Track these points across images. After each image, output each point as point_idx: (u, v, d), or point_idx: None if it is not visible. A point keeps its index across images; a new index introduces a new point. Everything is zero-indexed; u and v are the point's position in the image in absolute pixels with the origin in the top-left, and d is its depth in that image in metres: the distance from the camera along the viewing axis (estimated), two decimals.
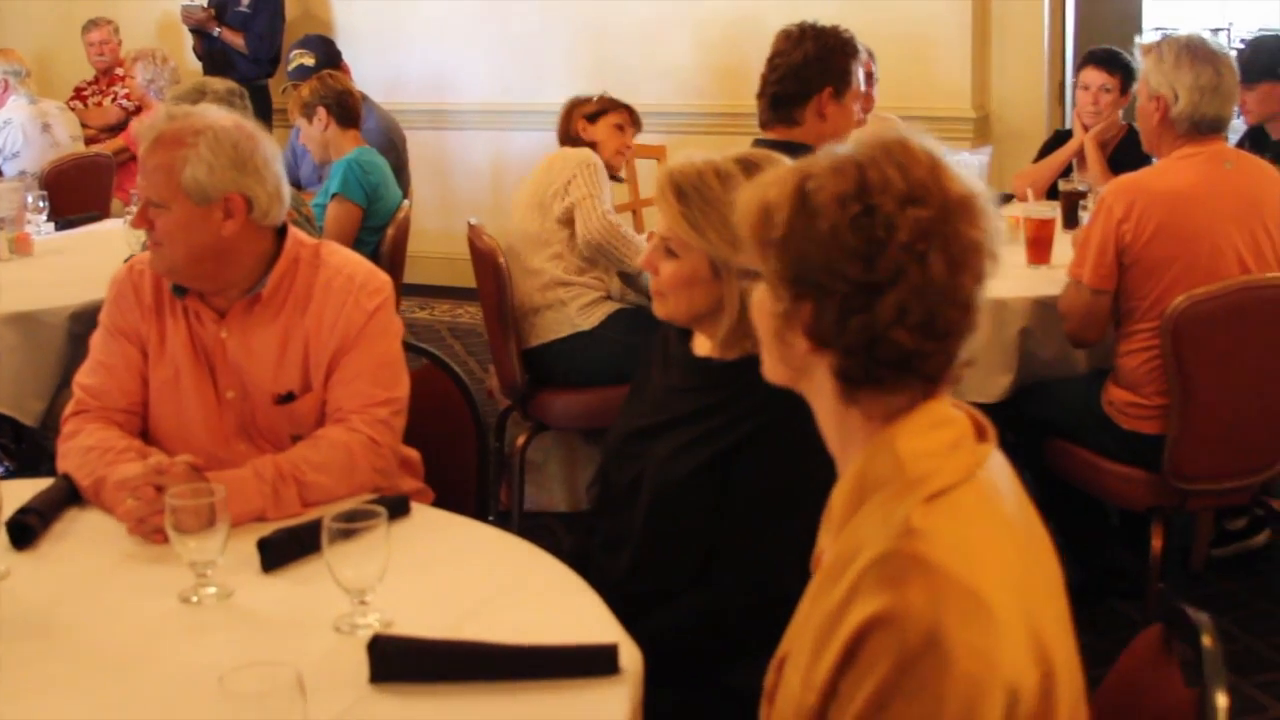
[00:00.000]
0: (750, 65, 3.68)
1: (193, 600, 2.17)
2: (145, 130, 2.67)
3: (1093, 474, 3.77)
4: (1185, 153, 3.61)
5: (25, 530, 2.38)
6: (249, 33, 7.82)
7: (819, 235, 1.53)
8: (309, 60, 6.29)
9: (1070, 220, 4.56)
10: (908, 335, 1.52)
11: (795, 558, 1.79)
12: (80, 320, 4.06)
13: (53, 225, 5.58)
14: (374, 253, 5.01)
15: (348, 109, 5.26)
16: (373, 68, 7.81)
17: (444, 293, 7.85)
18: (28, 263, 4.99)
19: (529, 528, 4.49)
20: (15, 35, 8.72)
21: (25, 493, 2.48)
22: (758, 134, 3.84)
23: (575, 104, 4.86)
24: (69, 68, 8.55)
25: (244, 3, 7.83)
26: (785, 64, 3.62)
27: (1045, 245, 4.22)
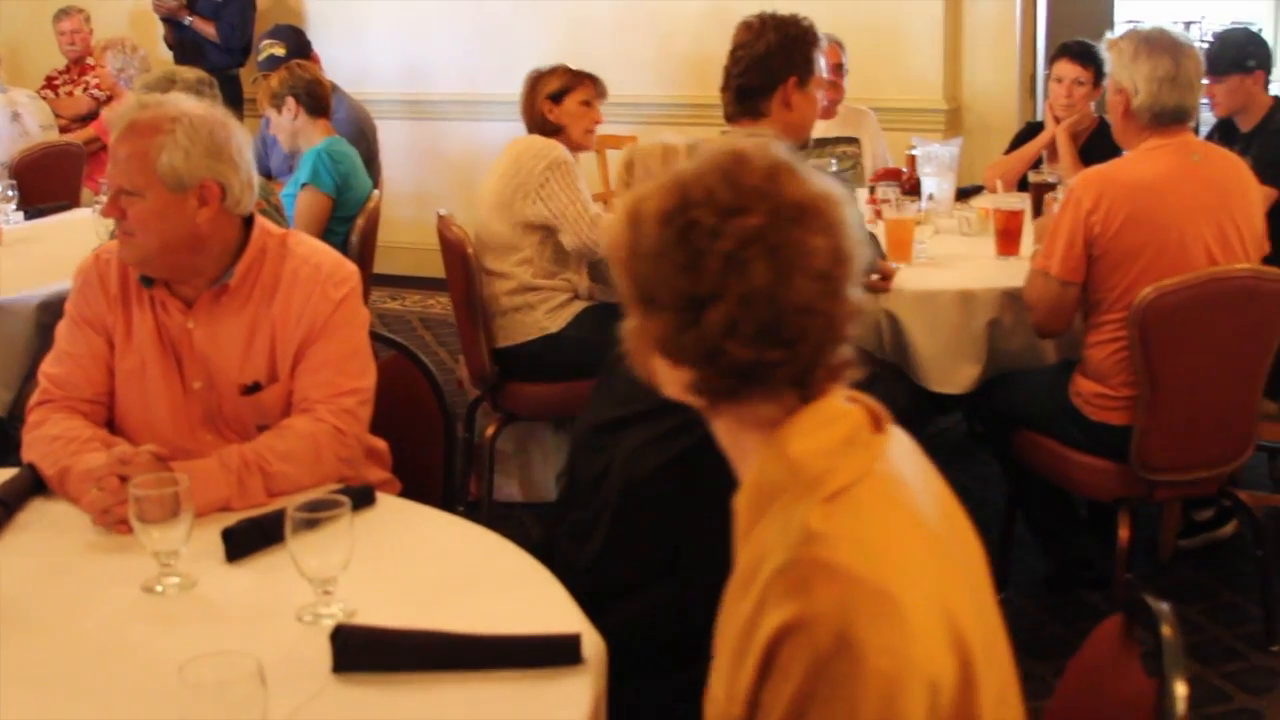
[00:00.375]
0: (721, 56, 3.66)
1: (156, 590, 2.16)
2: (117, 119, 2.64)
3: (1060, 465, 3.78)
4: (1152, 145, 3.62)
5: None
6: (220, 22, 7.80)
7: (648, 252, 1.54)
8: (279, 50, 6.25)
9: (1039, 212, 4.57)
10: (744, 345, 1.51)
11: None
12: (49, 310, 4.04)
13: (22, 214, 5.55)
14: (344, 243, 4.99)
15: (317, 99, 5.24)
16: (344, 58, 7.82)
17: (415, 283, 7.84)
18: None
19: (498, 518, 4.49)
20: None
21: None
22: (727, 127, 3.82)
23: (537, 81, 4.74)
24: (40, 57, 8.50)
25: None
26: (748, 55, 3.60)
27: (1014, 237, 4.24)
